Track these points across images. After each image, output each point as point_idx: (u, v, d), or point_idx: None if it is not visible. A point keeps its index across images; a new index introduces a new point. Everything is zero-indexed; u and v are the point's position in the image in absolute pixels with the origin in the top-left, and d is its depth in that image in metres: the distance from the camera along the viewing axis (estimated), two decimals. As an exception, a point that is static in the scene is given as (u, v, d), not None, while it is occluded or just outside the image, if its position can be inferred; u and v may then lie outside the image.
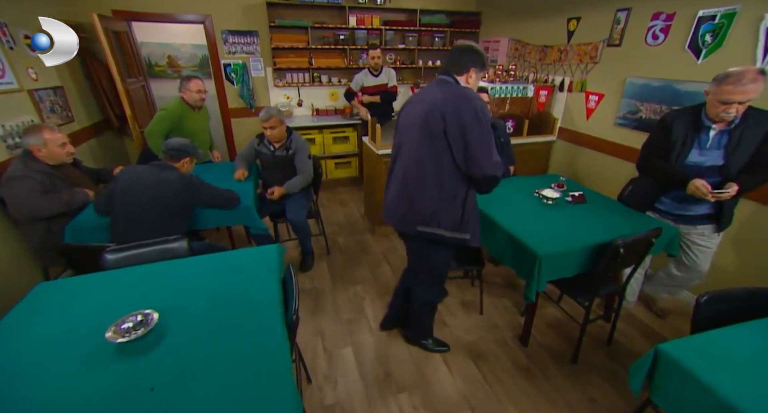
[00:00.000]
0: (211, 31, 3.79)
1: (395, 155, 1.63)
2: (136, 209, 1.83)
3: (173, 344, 1.07)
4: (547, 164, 3.54)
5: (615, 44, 2.73)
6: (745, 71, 1.53)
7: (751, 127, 1.66)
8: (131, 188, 1.84)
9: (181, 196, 1.90)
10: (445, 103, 1.38)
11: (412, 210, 1.53)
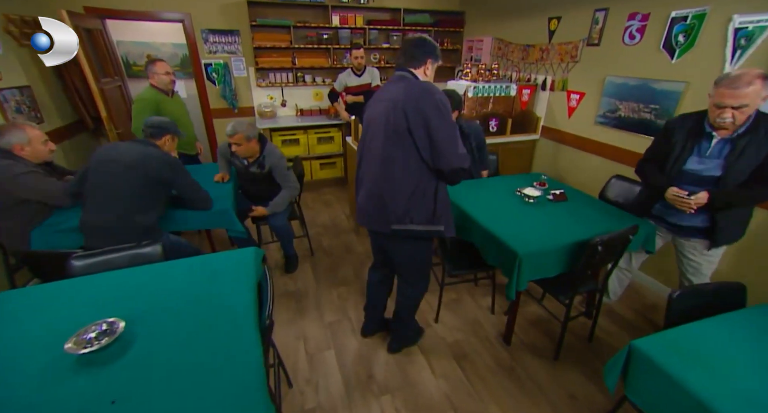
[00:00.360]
0: (190, 30, 3.72)
1: (361, 155, 1.62)
2: (114, 179, 1.73)
3: (139, 353, 1.04)
4: (531, 163, 3.58)
5: (594, 44, 2.77)
6: (742, 74, 1.42)
7: (760, 136, 1.49)
8: (111, 160, 1.75)
9: (162, 173, 1.80)
10: (406, 99, 1.37)
11: (385, 210, 1.52)
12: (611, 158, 2.75)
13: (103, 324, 1.07)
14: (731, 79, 1.44)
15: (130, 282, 1.36)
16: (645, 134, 2.50)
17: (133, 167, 1.74)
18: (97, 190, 1.77)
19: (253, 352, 1.08)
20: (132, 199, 1.77)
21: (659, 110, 2.38)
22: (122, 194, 1.75)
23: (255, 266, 1.50)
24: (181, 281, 1.38)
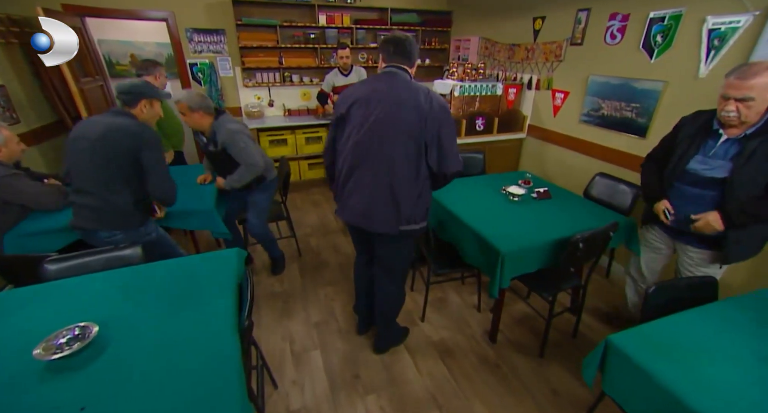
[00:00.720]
0: (174, 29, 3.67)
1: (359, 155, 1.50)
2: (82, 156, 1.59)
3: (112, 358, 1.02)
4: (518, 161, 3.62)
5: (577, 43, 2.81)
6: (753, 64, 1.31)
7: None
8: (80, 136, 1.60)
9: (124, 144, 1.57)
10: (419, 102, 1.39)
11: (397, 212, 1.52)
12: (595, 156, 2.79)
13: (76, 328, 1.05)
14: (741, 69, 1.32)
15: (107, 285, 1.34)
16: (627, 132, 2.54)
17: (98, 142, 1.56)
18: (72, 169, 1.65)
19: (231, 354, 1.07)
20: (100, 177, 1.61)
21: (640, 109, 2.42)
22: (90, 173, 1.61)
23: (237, 268, 1.49)
24: (160, 283, 1.36)
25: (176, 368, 1.00)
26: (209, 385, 0.95)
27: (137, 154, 1.60)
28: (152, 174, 1.66)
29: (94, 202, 1.64)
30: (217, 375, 0.99)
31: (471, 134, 3.29)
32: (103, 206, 1.64)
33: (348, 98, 1.52)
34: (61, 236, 1.87)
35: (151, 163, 1.64)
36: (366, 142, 1.47)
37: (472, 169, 3.05)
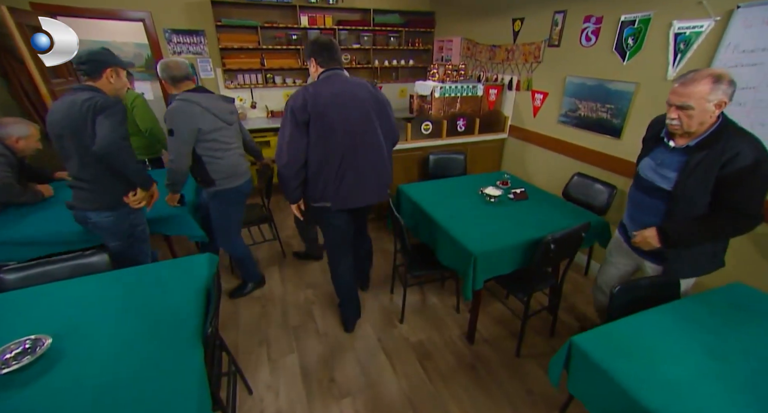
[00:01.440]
0: (152, 30, 3.62)
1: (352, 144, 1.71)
2: (60, 141, 1.50)
3: (64, 372, 1.00)
4: (500, 162, 3.65)
5: (555, 45, 2.85)
6: (696, 71, 1.26)
7: (717, 153, 1.25)
8: (51, 122, 1.49)
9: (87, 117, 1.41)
10: (372, 93, 1.76)
11: (387, 184, 1.94)
12: (574, 156, 2.83)
13: (27, 341, 1.03)
14: (685, 75, 1.27)
15: (68, 295, 1.32)
16: (603, 132, 2.58)
17: (65, 127, 1.46)
18: (61, 157, 1.58)
19: (192, 364, 1.06)
20: (82, 161, 1.53)
21: (614, 110, 2.47)
22: (73, 158, 1.53)
23: (207, 274, 1.48)
24: (124, 291, 1.35)
25: (132, 381, 0.99)
26: (165, 398, 0.94)
27: (95, 121, 1.42)
28: (97, 132, 1.42)
29: (86, 185, 1.59)
30: (175, 387, 0.98)
31: (452, 134, 3.31)
32: (94, 188, 1.59)
33: (318, 104, 1.61)
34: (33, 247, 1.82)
35: (99, 126, 1.42)
36: (356, 135, 1.71)
37: (452, 170, 3.08)
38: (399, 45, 4.52)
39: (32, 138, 2.13)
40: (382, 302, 2.47)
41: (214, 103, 1.92)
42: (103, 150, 1.44)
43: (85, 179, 1.58)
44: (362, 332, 2.22)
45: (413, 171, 3.28)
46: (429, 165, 3.08)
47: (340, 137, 1.67)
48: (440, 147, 3.23)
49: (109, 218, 1.66)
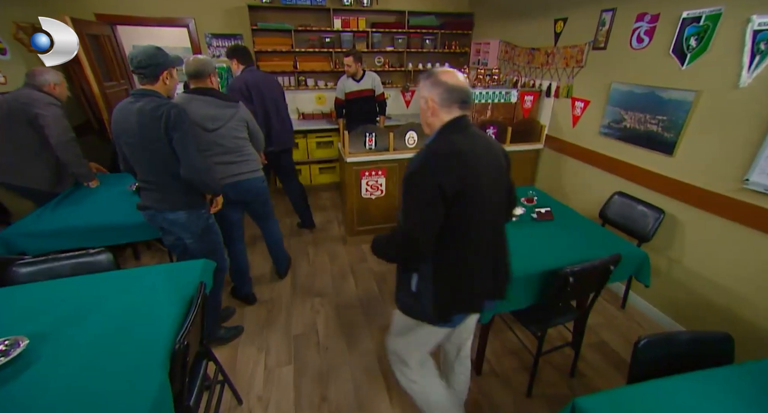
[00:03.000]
0: (194, 35, 3.80)
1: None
2: (132, 149, 1.57)
3: (35, 377, 1.00)
4: (534, 174, 3.36)
5: (600, 47, 2.54)
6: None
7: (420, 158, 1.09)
8: (122, 131, 1.56)
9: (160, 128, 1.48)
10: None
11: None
12: (615, 172, 2.51)
13: (6, 341, 1.05)
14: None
15: (56, 295, 1.34)
16: (651, 148, 2.25)
17: (137, 135, 1.52)
18: (132, 163, 1.67)
19: (154, 378, 1.02)
20: (154, 166, 1.60)
21: (666, 122, 2.13)
22: (145, 164, 1.61)
23: (197, 281, 1.46)
24: (112, 295, 1.35)
25: (98, 390, 0.97)
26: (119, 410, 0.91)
27: (169, 137, 1.52)
28: (181, 157, 1.55)
29: (157, 187, 1.66)
30: (131, 400, 0.94)
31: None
32: (166, 189, 1.65)
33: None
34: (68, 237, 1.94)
35: (178, 145, 1.53)
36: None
37: (477, 181, 2.86)
38: (434, 48, 4.35)
39: (63, 85, 2.32)
40: (389, 318, 2.32)
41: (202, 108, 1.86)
42: (190, 176, 1.58)
43: (158, 183, 1.64)
44: (364, 347, 2.12)
45: (436, 180, 3.11)
46: (452, 175, 2.89)
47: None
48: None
49: (183, 216, 1.71)
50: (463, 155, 1.07)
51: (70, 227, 1.95)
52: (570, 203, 2.89)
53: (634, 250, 1.75)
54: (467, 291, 1.18)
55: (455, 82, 1.11)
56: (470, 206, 1.09)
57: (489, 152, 1.15)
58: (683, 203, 2.10)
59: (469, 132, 1.14)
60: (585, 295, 1.69)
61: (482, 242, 1.17)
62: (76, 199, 2.24)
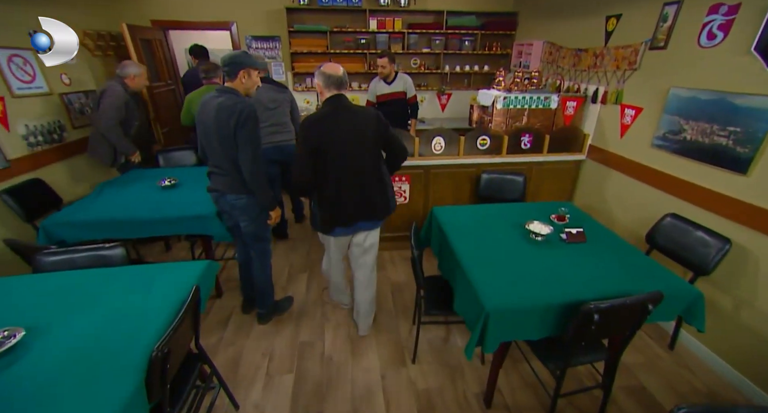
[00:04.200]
0: (236, 37, 3.95)
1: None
2: (208, 137, 1.75)
3: (23, 368, 1.03)
4: (574, 188, 3.04)
5: (659, 46, 2.21)
6: None
7: None
8: (201, 120, 1.75)
9: (232, 122, 1.64)
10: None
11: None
12: (669, 191, 2.17)
13: (4, 332, 1.09)
14: None
15: (60, 288, 1.38)
16: (718, 164, 1.91)
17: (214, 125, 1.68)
18: (205, 149, 1.85)
19: (132, 382, 1.01)
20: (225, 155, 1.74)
21: (740, 134, 1.79)
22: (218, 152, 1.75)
23: (196, 282, 1.45)
24: (111, 291, 1.38)
25: (67, 390, 0.97)
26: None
27: (235, 131, 1.66)
28: (241, 152, 1.70)
29: (224, 173, 1.81)
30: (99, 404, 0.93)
31: (514, 152, 2.86)
32: (231, 175, 1.79)
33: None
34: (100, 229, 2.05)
35: (240, 141, 1.68)
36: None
37: (508, 193, 2.66)
38: (473, 49, 4.14)
39: (142, 76, 2.73)
40: (400, 334, 2.22)
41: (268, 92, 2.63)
42: (249, 177, 1.75)
43: (227, 168, 1.79)
44: (367, 363, 2.02)
45: (463, 190, 2.93)
46: (480, 185, 2.70)
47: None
48: (497, 165, 2.81)
49: (244, 200, 1.86)
50: (322, 121, 1.62)
51: (103, 219, 2.06)
52: (613, 224, 2.58)
53: (685, 286, 1.47)
54: (339, 213, 1.76)
55: (332, 72, 1.65)
56: (330, 156, 1.64)
57: (352, 119, 1.66)
58: (757, 233, 1.75)
59: (340, 105, 1.66)
60: (613, 335, 1.45)
61: (347, 180, 1.70)
62: (111, 193, 2.37)
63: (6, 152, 2.35)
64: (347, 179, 1.70)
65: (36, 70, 2.64)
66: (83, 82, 3.13)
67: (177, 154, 3.20)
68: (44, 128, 2.67)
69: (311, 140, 1.60)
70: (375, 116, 1.73)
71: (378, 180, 1.79)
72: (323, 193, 1.72)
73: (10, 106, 2.40)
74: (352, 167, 1.69)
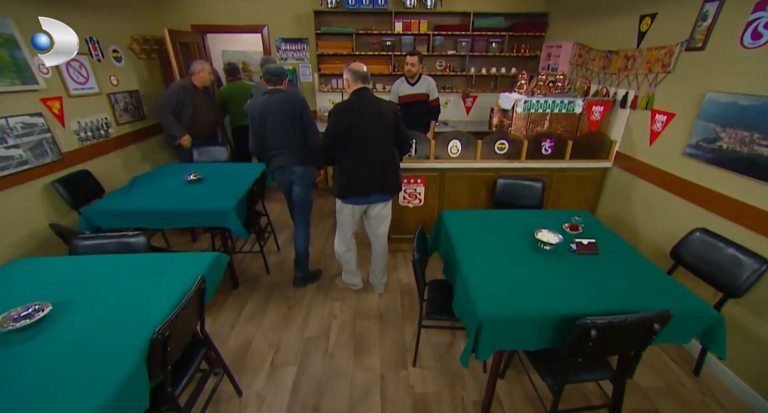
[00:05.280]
0: (266, 39, 4.12)
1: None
2: (276, 126, 2.28)
3: (46, 341, 1.15)
4: (598, 197, 2.89)
5: (696, 47, 2.06)
6: None
7: None
8: (267, 113, 2.26)
9: (297, 108, 2.28)
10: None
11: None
12: (700, 203, 2.01)
13: (36, 305, 1.23)
14: None
15: (88, 270, 1.53)
16: (757, 177, 1.74)
17: (280, 115, 2.26)
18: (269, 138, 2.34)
19: (131, 363, 1.10)
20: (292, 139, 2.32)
21: (782, 145, 1.63)
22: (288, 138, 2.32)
23: (210, 271, 1.54)
24: (130, 275, 1.50)
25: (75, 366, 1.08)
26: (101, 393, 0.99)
27: (301, 115, 2.28)
28: (308, 130, 2.32)
29: (289, 150, 2.35)
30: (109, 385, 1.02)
31: (534, 157, 2.76)
32: (295, 151, 2.35)
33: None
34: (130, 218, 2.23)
35: (306, 121, 2.31)
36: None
37: (524, 200, 2.58)
38: (501, 51, 4.05)
39: (205, 71, 3.15)
40: (404, 336, 2.22)
41: None
42: (314, 144, 2.35)
43: (292, 145, 2.34)
44: (369, 363, 2.04)
45: (479, 195, 2.88)
46: (496, 190, 2.64)
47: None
48: (515, 171, 2.74)
49: (305, 168, 2.42)
50: (351, 109, 2.00)
51: (131, 209, 2.23)
52: (639, 236, 2.43)
53: (702, 307, 1.36)
54: (356, 183, 2.11)
55: (358, 69, 2.01)
56: (354, 136, 2.00)
57: (373, 109, 2.02)
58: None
59: (363, 96, 2.02)
60: (615, 353, 1.37)
61: (365, 156, 2.05)
62: (142, 185, 2.56)
63: (61, 145, 2.61)
64: (366, 156, 2.05)
65: (89, 73, 2.91)
66: (129, 83, 3.41)
67: (211, 149, 3.39)
68: (93, 125, 2.93)
69: (340, 121, 1.98)
70: (394, 108, 2.10)
71: (392, 160, 2.14)
72: (343, 166, 2.09)
73: (66, 105, 2.66)
74: (371, 146, 2.04)
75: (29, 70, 2.32)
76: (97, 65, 3.01)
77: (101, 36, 3.05)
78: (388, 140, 2.08)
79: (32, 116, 2.35)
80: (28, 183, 2.32)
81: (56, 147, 2.55)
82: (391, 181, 2.15)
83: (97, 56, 3.02)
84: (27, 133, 2.30)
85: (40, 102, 2.44)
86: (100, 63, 3.04)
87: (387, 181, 2.13)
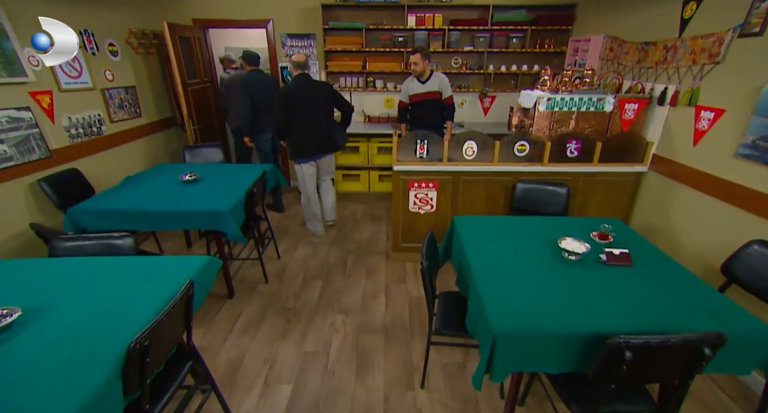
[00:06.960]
0: (271, 35, 4.19)
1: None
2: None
3: (11, 349, 1.12)
4: (632, 205, 2.78)
5: (752, 33, 1.96)
6: None
7: None
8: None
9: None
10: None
11: None
12: (757, 212, 1.90)
13: (3, 310, 1.21)
14: None
15: (63, 272, 1.51)
16: (818, 180, 1.64)
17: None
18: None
19: (103, 374, 1.06)
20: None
21: None
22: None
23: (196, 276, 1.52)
24: (113, 279, 1.48)
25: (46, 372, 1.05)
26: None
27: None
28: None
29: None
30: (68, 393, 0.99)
31: (558, 160, 2.69)
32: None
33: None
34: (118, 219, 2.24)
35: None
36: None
37: (547, 206, 2.50)
38: (522, 47, 4.01)
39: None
40: (412, 354, 2.15)
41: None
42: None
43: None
44: (372, 381, 1.97)
45: (497, 201, 2.81)
46: (515, 196, 2.56)
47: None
48: (536, 175, 2.66)
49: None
50: (294, 89, 2.97)
51: (123, 210, 2.25)
52: (679, 249, 2.31)
53: (765, 332, 1.26)
54: (303, 147, 3.08)
55: (298, 60, 2.98)
56: (296, 110, 2.95)
57: (312, 89, 3.02)
58: None
59: (303, 80, 2.99)
60: (659, 381, 1.27)
61: (307, 126, 3.03)
62: (134, 185, 2.58)
63: (49, 142, 2.66)
64: (308, 125, 3.01)
65: (83, 66, 2.99)
66: (125, 78, 3.49)
67: (204, 150, 3.43)
68: (85, 121, 2.99)
69: (286, 99, 2.94)
70: (326, 85, 3.17)
71: (326, 127, 3.14)
72: (292, 135, 3.04)
73: (57, 99, 2.72)
74: (310, 118, 3.00)
75: (18, 61, 2.37)
76: (92, 59, 3.08)
77: (97, 28, 3.13)
78: (325, 111, 3.07)
79: (19, 110, 2.40)
80: (12, 181, 2.36)
81: (44, 144, 2.60)
82: (328, 143, 3.19)
83: (91, 49, 3.09)
84: (13, 128, 2.35)
85: (29, 96, 2.50)
86: (94, 57, 3.12)
87: (325, 143, 3.16)
